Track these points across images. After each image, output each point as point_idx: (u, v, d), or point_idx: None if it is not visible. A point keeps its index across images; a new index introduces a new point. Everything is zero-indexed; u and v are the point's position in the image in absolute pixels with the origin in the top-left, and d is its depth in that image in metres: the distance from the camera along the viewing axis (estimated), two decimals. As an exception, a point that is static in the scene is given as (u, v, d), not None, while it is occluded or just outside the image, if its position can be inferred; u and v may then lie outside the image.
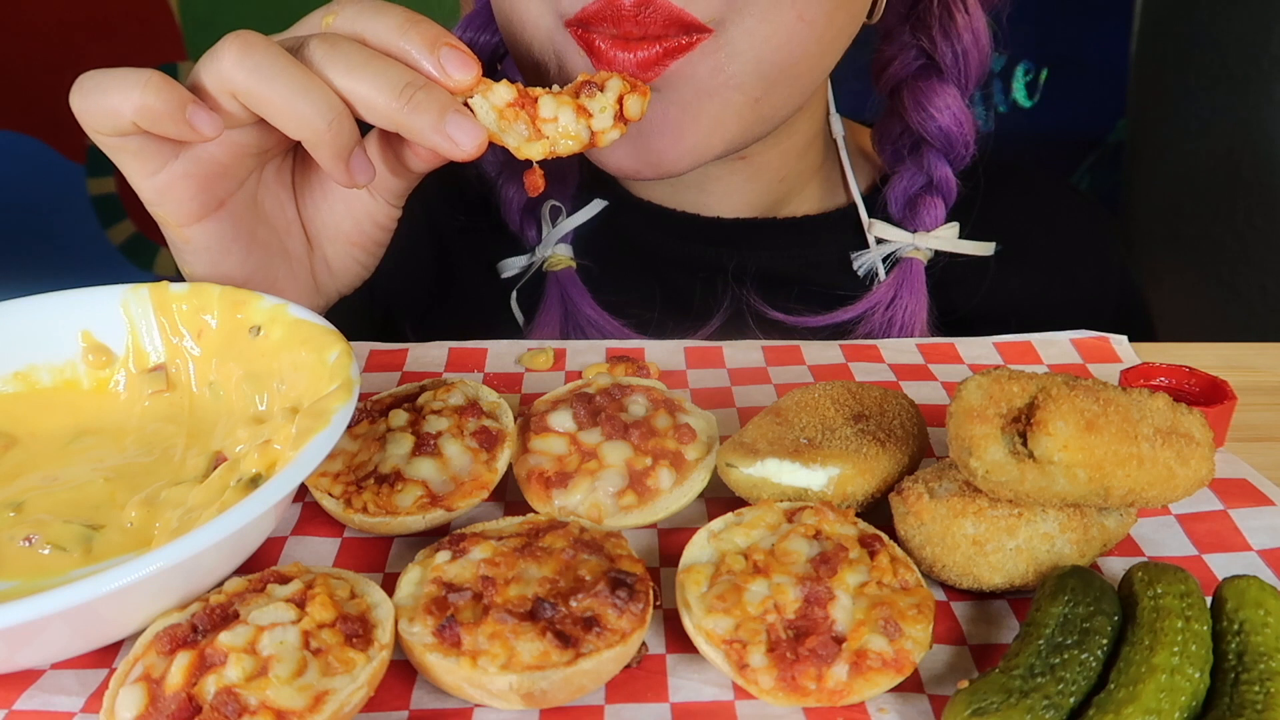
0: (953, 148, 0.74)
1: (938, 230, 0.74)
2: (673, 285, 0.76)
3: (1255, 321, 1.40)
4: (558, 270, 0.75)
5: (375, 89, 0.50)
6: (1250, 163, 1.37)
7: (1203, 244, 1.47)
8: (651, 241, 0.77)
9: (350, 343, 0.49)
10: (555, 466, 0.48)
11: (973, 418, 0.42)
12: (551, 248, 0.76)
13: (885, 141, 0.77)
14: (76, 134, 1.33)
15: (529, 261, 0.77)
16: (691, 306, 0.72)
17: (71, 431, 0.53)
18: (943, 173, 0.74)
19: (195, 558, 0.38)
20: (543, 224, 0.77)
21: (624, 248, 0.77)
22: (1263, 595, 0.39)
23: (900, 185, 0.75)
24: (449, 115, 0.51)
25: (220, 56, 0.50)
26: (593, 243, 0.77)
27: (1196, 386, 0.55)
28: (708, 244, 0.76)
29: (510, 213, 0.78)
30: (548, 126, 0.54)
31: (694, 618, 0.40)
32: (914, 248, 0.74)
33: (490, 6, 0.72)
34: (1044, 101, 1.64)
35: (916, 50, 0.73)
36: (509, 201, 0.77)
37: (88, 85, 0.50)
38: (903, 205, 0.75)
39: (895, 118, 0.75)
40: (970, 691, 0.36)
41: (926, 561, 0.44)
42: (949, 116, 0.73)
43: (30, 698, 0.39)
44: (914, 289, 0.73)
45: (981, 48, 0.73)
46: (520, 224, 0.78)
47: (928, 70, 0.73)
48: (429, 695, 0.40)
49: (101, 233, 1.37)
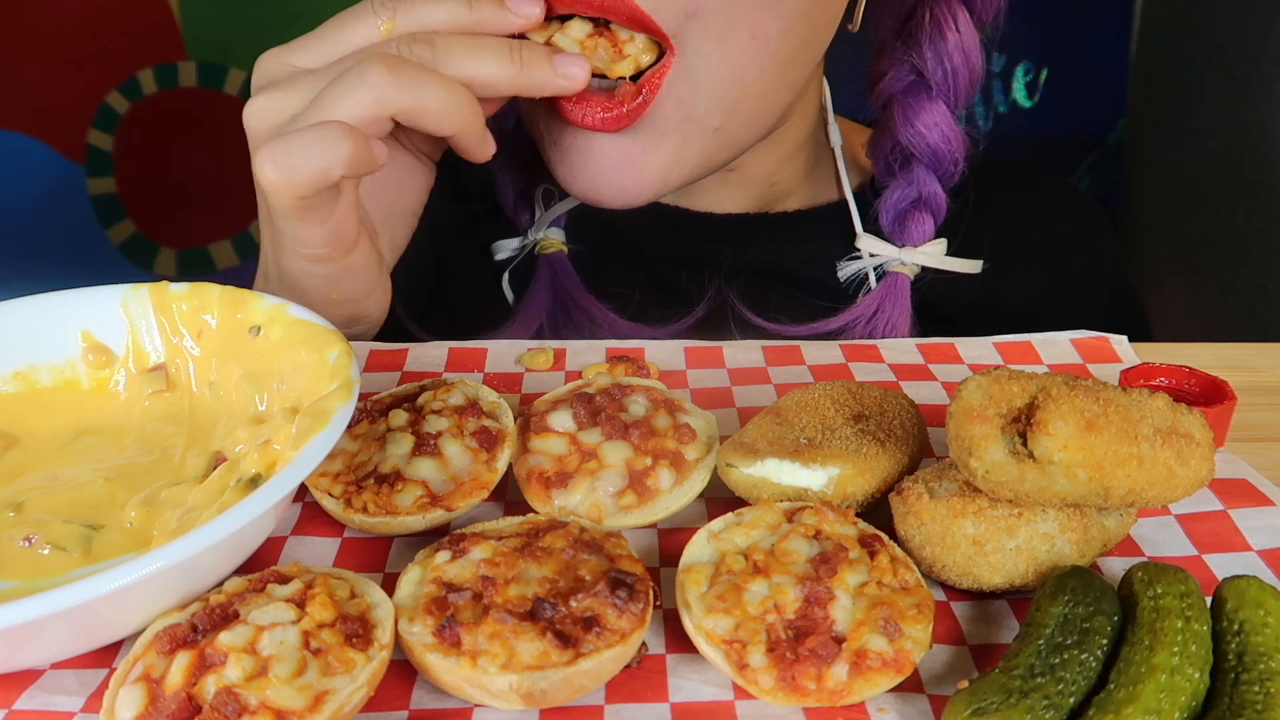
0: (941, 165, 0.74)
1: (925, 246, 0.75)
2: (660, 276, 0.77)
3: (1255, 321, 1.40)
4: (549, 253, 0.76)
5: (491, 68, 0.54)
6: (1250, 163, 1.37)
7: (1203, 244, 1.47)
8: (642, 234, 0.78)
9: (350, 343, 0.49)
10: (555, 466, 0.48)
11: (973, 418, 0.42)
12: (544, 231, 0.77)
13: (878, 153, 0.78)
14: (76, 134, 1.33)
15: (522, 244, 0.78)
16: (677, 296, 0.74)
17: (71, 431, 0.53)
18: (931, 189, 0.74)
19: (195, 558, 0.38)
20: (536, 207, 0.78)
21: (615, 237, 0.78)
22: (1263, 595, 0.39)
23: (891, 199, 0.75)
24: (555, 61, 0.55)
25: (369, 83, 0.52)
26: (585, 229, 0.78)
27: (1196, 386, 0.55)
28: (698, 239, 0.77)
29: (505, 196, 0.79)
30: (627, 46, 0.58)
31: (694, 618, 0.40)
32: (900, 263, 0.75)
33: None
34: (1044, 101, 1.64)
35: (908, 66, 0.73)
36: (504, 186, 0.79)
37: (282, 155, 0.51)
38: (892, 219, 0.76)
39: (887, 131, 0.76)
40: (970, 691, 0.36)
41: (926, 561, 0.44)
42: (937, 134, 0.73)
43: (30, 698, 0.39)
44: (898, 303, 0.73)
45: (972, 66, 0.73)
46: (515, 208, 0.79)
47: (917, 87, 0.73)
48: (429, 695, 0.40)
49: (101, 233, 1.37)
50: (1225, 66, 1.40)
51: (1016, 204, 0.83)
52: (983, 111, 1.61)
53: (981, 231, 0.76)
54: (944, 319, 0.75)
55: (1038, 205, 0.84)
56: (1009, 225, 0.79)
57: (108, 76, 1.30)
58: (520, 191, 0.79)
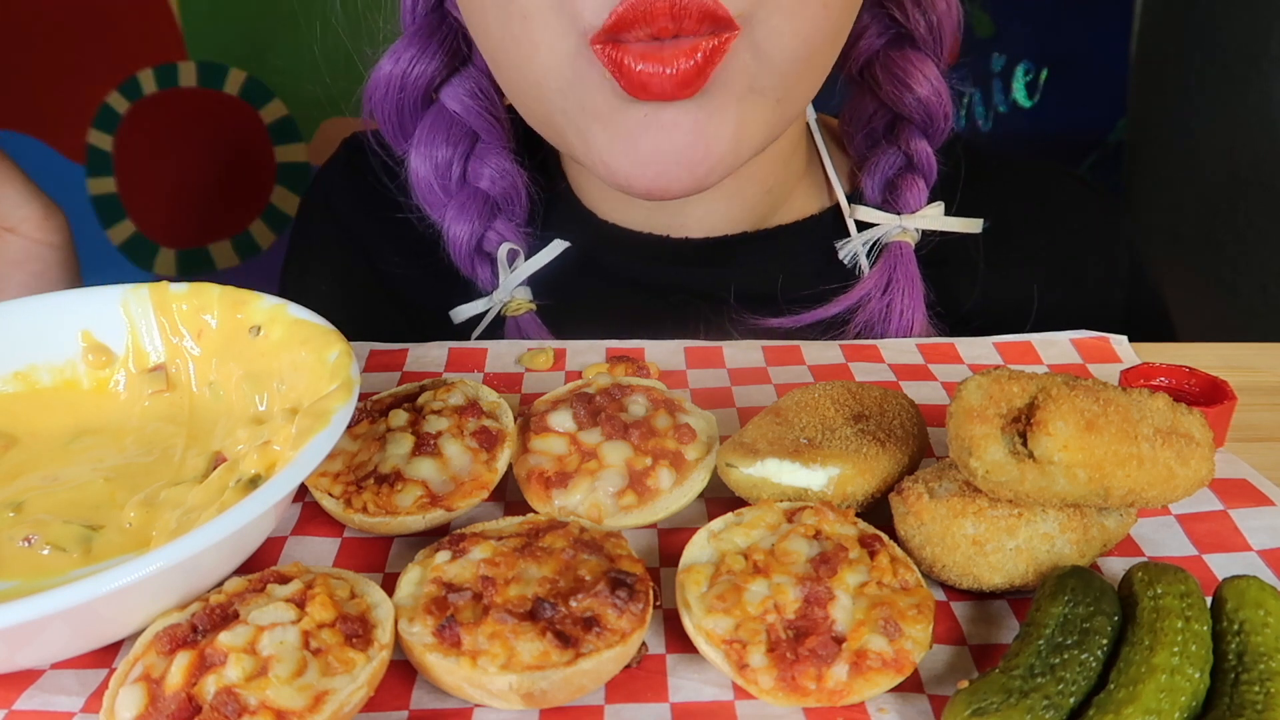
0: (932, 120, 0.71)
1: (923, 210, 0.71)
2: (644, 315, 0.70)
3: (1255, 321, 1.39)
4: (519, 315, 0.71)
5: None
6: (1250, 163, 1.37)
7: (1203, 244, 1.47)
8: (619, 268, 0.72)
9: (350, 343, 0.49)
10: (555, 466, 0.48)
11: (973, 418, 0.42)
12: (510, 293, 0.71)
13: (856, 125, 0.74)
14: (77, 134, 1.32)
15: (486, 307, 0.72)
16: (666, 336, 0.66)
17: (71, 431, 0.53)
18: (922, 149, 0.71)
19: (195, 558, 0.38)
20: (499, 265, 0.71)
21: (589, 279, 0.72)
22: (1263, 595, 0.39)
23: (878, 169, 0.72)
24: None
25: None
26: (553, 279, 0.72)
27: (1196, 386, 0.55)
28: (681, 265, 0.72)
29: (459, 256, 0.72)
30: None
31: (694, 618, 0.40)
32: (901, 229, 0.71)
33: (428, 30, 0.69)
34: (1044, 101, 1.64)
35: (886, 21, 0.70)
36: (456, 242, 0.71)
37: None
38: (882, 189, 0.72)
39: (867, 97, 0.72)
40: (970, 691, 0.36)
41: (926, 561, 0.44)
42: (927, 87, 0.70)
43: (30, 698, 0.39)
44: (908, 273, 0.69)
45: (953, 16, 0.70)
46: (472, 267, 0.72)
47: (900, 41, 0.70)
48: (429, 695, 0.40)
49: (101, 233, 1.37)
50: (1225, 66, 1.40)
51: (1023, 198, 0.78)
52: (983, 111, 1.61)
53: (978, 209, 0.73)
54: (957, 322, 0.71)
55: (1046, 198, 0.79)
56: (1016, 220, 0.75)
57: (108, 76, 1.30)
58: (476, 248, 0.72)
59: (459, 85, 0.70)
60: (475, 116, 0.71)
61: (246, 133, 1.35)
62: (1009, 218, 0.75)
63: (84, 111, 1.33)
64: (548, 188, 0.75)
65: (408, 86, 0.70)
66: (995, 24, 1.56)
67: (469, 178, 0.72)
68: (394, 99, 0.71)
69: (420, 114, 0.72)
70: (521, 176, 0.72)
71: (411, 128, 0.72)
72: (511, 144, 0.73)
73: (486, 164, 0.71)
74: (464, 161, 0.71)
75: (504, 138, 0.72)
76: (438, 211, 0.72)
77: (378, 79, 0.71)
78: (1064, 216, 0.79)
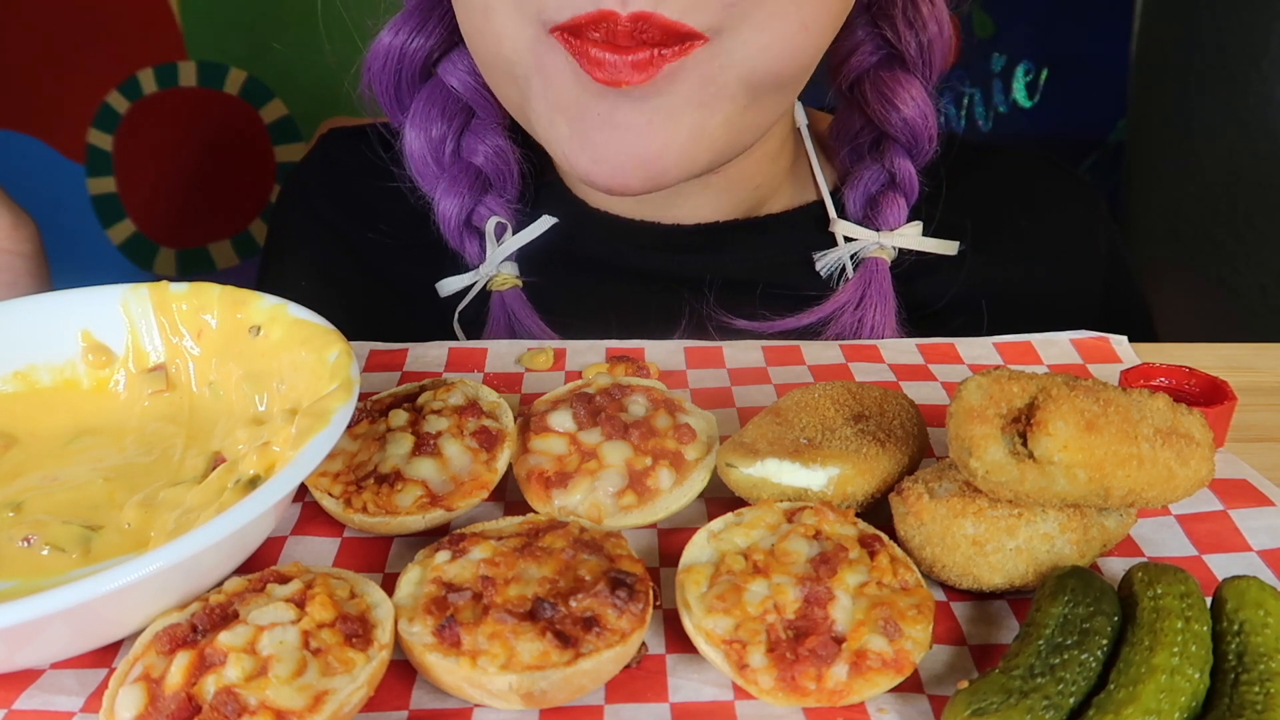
0: (917, 142, 0.71)
1: (902, 228, 0.72)
2: (629, 299, 0.71)
3: (1255, 321, 1.39)
4: (504, 290, 0.71)
5: None
6: (1250, 163, 1.37)
7: (1203, 244, 1.47)
8: (606, 254, 0.73)
9: (350, 343, 0.49)
10: (555, 466, 0.48)
11: (973, 418, 0.42)
12: (496, 267, 0.72)
13: (843, 139, 0.75)
14: (77, 134, 1.32)
15: (472, 280, 0.73)
16: (649, 321, 0.67)
17: (71, 431, 0.53)
18: (905, 168, 0.72)
19: (195, 557, 0.38)
20: (486, 239, 0.72)
21: (576, 262, 0.73)
22: (1263, 596, 0.39)
23: (860, 184, 0.73)
24: None
25: None
26: (540, 257, 0.72)
27: (1196, 387, 0.55)
28: (668, 252, 0.73)
29: (448, 229, 0.73)
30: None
31: (694, 618, 0.40)
32: (879, 246, 0.72)
33: (428, 5, 0.69)
34: (1044, 101, 1.64)
35: (879, 40, 0.70)
36: (446, 216, 0.72)
37: None
38: (863, 204, 0.73)
39: (855, 112, 0.73)
40: (970, 692, 0.36)
41: (926, 561, 0.44)
42: (914, 109, 0.70)
43: (30, 697, 0.39)
44: (881, 289, 0.70)
45: (945, 39, 0.70)
46: (460, 240, 0.73)
47: (890, 61, 0.71)
48: (429, 695, 0.40)
49: (101, 233, 1.37)
50: (1225, 67, 1.40)
51: (998, 187, 0.79)
52: (983, 111, 1.61)
53: (958, 216, 0.73)
54: (930, 316, 0.72)
55: (1023, 188, 0.80)
56: (990, 210, 0.76)
57: (108, 76, 1.30)
58: (465, 221, 0.73)
59: (457, 61, 0.71)
60: (472, 92, 0.71)
61: (246, 133, 1.35)
62: (993, 204, 0.76)
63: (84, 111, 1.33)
64: (539, 166, 0.76)
65: (406, 60, 0.71)
66: (995, 24, 1.56)
67: (463, 153, 0.72)
68: (392, 71, 0.72)
69: (418, 88, 0.72)
70: (514, 154, 0.73)
71: (408, 101, 0.73)
72: (506, 121, 0.73)
73: (481, 140, 0.72)
74: (458, 136, 0.72)
75: (499, 115, 0.73)
76: (430, 184, 0.73)
77: (377, 50, 0.71)
78: (1044, 202, 0.80)
